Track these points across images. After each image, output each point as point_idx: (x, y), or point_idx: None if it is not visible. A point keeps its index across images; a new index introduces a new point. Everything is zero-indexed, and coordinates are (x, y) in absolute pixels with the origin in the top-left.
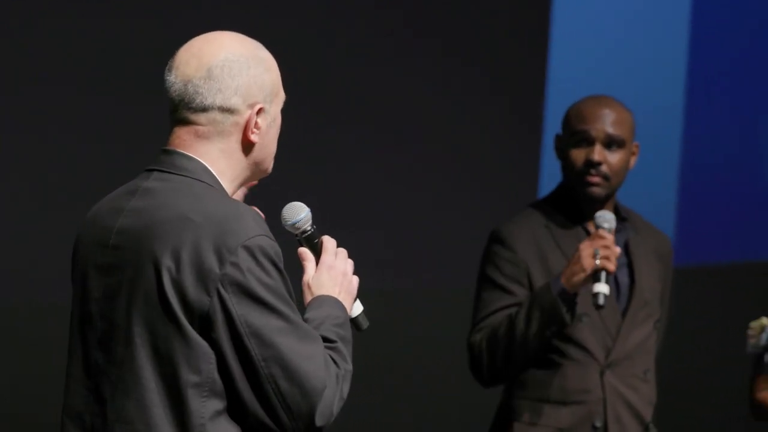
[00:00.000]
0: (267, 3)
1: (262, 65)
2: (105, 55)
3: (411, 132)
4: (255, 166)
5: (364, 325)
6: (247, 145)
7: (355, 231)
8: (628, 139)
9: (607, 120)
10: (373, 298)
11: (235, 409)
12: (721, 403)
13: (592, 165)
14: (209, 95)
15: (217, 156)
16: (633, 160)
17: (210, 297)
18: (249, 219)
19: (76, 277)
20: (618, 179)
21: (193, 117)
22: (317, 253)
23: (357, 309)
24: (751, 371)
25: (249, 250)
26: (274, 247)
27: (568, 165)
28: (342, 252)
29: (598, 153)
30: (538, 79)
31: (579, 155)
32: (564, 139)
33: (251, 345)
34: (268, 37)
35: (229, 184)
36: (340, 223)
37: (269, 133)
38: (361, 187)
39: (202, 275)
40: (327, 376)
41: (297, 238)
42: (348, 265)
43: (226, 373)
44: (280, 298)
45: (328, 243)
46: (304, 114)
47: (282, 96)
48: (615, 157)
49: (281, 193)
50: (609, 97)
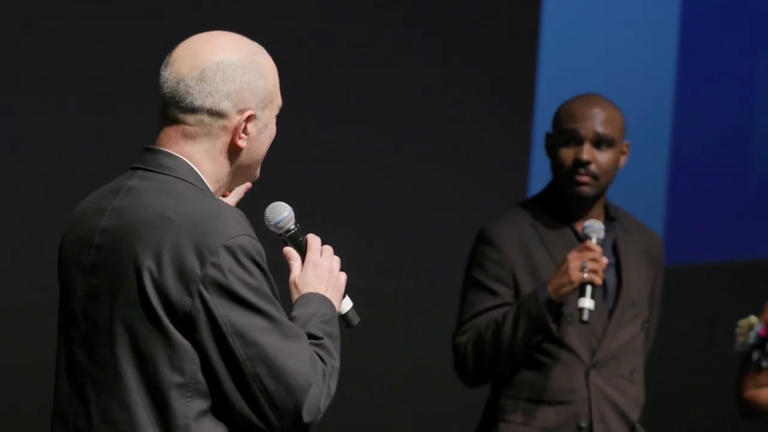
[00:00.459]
0: (267, 3)
1: (257, 71)
2: (105, 55)
3: (410, 132)
4: (240, 171)
5: (355, 321)
6: (233, 150)
7: (354, 231)
8: (618, 138)
9: (597, 119)
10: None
11: (221, 408)
12: (709, 402)
13: (581, 164)
14: (199, 97)
15: (202, 157)
16: (623, 160)
17: (192, 298)
18: (230, 219)
19: (62, 275)
20: (607, 178)
21: (181, 116)
22: (302, 251)
23: (346, 305)
24: (739, 370)
25: (230, 250)
26: (255, 246)
27: (557, 164)
28: (327, 249)
29: (587, 152)
30: (529, 78)
31: (568, 154)
32: (553, 138)
33: (235, 345)
34: (268, 37)
35: (214, 185)
36: (339, 223)
37: (259, 140)
38: (361, 187)
39: (183, 276)
40: (313, 372)
41: (281, 238)
42: (334, 262)
43: (211, 374)
44: (262, 297)
45: (313, 241)
46: (303, 114)
47: (278, 103)
48: (604, 157)
49: (281, 193)
50: (599, 96)
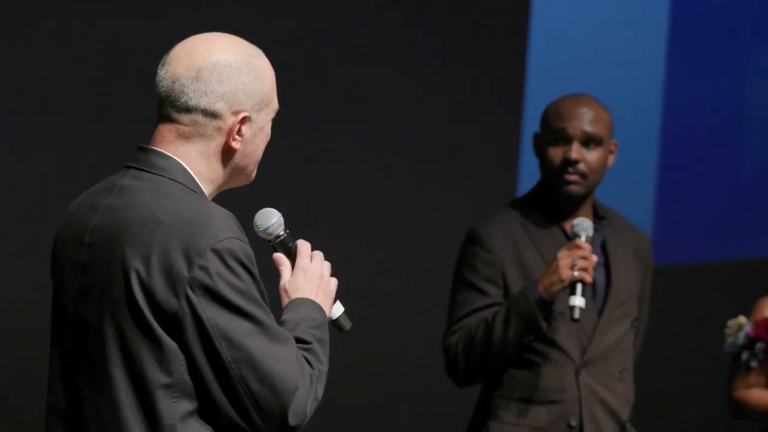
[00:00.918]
0: (267, 3)
1: (253, 73)
2: (105, 55)
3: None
4: (234, 172)
5: (347, 326)
6: (227, 151)
7: (354, 231)
8: (606, 137)
9: (585, 118)
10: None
11: (207, 410)
12: (700, 401)
13: (569, 163)
14: (194, 96)
15: (195, 157)
16: (611, 159)
17: (179, 300)
18: (219, 221)
19: (55, 272)
20: (596, 177)
21: (176, 115)
22: (292, 257)
23: (337, 310)
24: (729, 370)
25: (218, 253)
26: (245, 250)
27: (545, 163)
28: (318, 255)
29: (576, 151)
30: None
31: (556, 153)
32: (542, 138)
33: (221, 347)
34: (268, 37)
35: (208, 186)
36: (339, 223)
37: (253, 142)
38: (361, 187)
39: (171, 278)
40: (300, 376)
41: (271, 244)
42: (324, 267)
43: (198, 375)
44: (250, 301)
45: (303, 246)
46: (302, 114)
47: (274, 106)
48: (593, 156)
49: (281, 193)
50: (587, 95)
